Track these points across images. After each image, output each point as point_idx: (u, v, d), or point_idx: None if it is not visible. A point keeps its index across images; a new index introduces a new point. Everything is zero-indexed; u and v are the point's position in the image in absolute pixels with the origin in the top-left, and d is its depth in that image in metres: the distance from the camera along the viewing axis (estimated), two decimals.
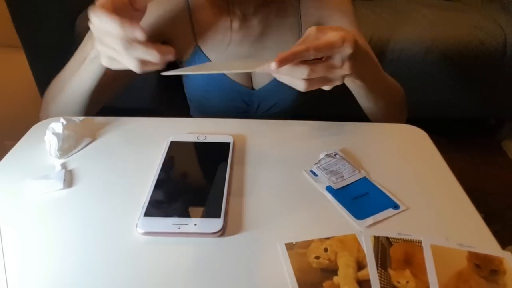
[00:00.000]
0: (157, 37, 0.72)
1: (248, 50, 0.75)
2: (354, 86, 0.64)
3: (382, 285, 0.39)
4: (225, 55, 0.75)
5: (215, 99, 0.80)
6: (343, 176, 0.53)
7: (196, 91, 0.82)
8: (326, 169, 0.54)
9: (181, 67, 0.78)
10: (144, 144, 0.60)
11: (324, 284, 0.39)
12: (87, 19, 0.49)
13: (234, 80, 0.77)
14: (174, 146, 0.58)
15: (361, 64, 0.55)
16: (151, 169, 0.54)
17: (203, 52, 0.74)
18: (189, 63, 0.76)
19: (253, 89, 0.79)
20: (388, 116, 0.72)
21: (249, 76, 0.79)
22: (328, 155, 0.56)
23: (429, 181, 0.54)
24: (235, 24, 0.73)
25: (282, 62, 0.47)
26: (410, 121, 0.66)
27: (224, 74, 0.76)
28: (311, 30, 0.52)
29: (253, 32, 0.74)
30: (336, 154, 0.57)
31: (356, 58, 0.51)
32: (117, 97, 0.73)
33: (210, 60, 0.75)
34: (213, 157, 0.56)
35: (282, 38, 0.75)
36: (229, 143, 0.59)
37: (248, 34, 0.74)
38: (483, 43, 1.52)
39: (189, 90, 0.83)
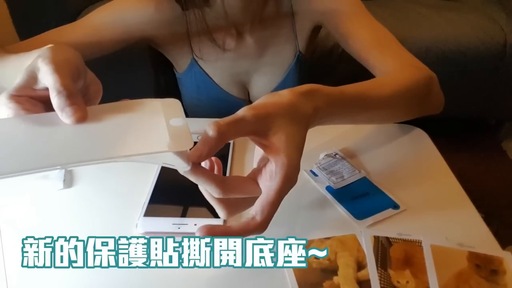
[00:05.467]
0: (143, 37, 0.71)
1: (246, 65, 0.76)
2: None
3: (382, 285, 0.39)
4: (220, 70, 0.75)
5: (210, 110, 0.79)
6: (343, 176, 0.53)
7: (189, 99, 0.81)
8: (326, 169, 0.54)
9: (180, 78, 0.80)
10: None
11: (324, 284, 0.39)
12: None
13: (229, 93, 0.77)
14: None
15: (329, 120, 0.45)
16: (151, 169, 0.54)
17: (199, 65, 0.75)
18: (186, 75, 0.77)
19: (250, 101, 0.80)
20: (410, 114, 0.60)
21: (245, 88, 0.79)
22: (328, 155, 0.56)
23: (429, 181, 0.54)
24: (231, 43, 0.73)
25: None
26: (410, 121, 0.65)
27: (217, 86, 0.76)
28: (245, 113, 0.36)
29: (250, 49, 0.74)
30: (336, 154, 0.57)
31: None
32: (116, 98, 0.73)
33: (206, 73, 0.75)
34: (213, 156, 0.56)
35: (279, 53, 0.76)
36: (229, 143, 0.59)
37: (244, 52, 0.74)
38: (483, 43, 1.52)
39: (183, 97, 0.83)
